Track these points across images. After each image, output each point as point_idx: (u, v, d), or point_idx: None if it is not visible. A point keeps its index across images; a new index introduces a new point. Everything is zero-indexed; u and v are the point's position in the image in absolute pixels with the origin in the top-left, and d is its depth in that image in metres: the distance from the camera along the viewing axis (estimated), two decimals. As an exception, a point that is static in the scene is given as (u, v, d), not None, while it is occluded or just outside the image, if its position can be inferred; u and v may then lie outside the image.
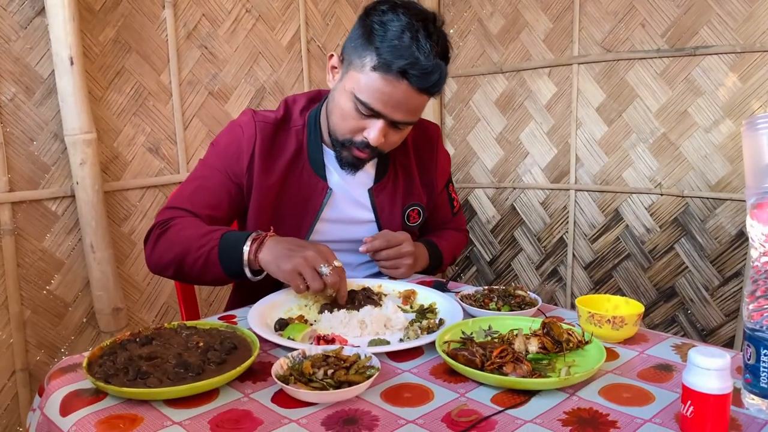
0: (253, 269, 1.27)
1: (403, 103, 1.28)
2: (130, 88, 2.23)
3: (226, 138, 1.47)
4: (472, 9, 2.92)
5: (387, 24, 1.24)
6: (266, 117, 1.45)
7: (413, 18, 1.24)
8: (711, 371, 0.75)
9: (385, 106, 1.28)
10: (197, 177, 1.46)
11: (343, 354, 0.95)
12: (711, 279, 2.34)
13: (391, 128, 1.34)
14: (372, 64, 1.25)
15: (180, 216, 1.38)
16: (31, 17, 1.99)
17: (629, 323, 1.07)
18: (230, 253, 1.27)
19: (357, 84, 1.29)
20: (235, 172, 1.43)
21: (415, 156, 1.60)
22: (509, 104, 2.86)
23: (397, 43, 1.22)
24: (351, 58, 1.32)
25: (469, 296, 1.30)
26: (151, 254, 1.39)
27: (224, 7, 2.43)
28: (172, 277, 1.40)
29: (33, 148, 2.04)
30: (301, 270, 1.18)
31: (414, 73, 1.23)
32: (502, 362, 0.92)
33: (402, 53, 1.22)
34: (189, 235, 1.32)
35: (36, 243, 2.07)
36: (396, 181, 1.56)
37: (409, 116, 1.33)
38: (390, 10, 1.26)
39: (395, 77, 1.24)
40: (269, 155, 1.43)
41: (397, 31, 1.23)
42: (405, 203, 1.58)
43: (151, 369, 0.90)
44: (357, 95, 1.29)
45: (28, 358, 2.08)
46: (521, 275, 2.94)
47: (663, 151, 2.42)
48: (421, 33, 1.23)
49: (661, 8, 2.35)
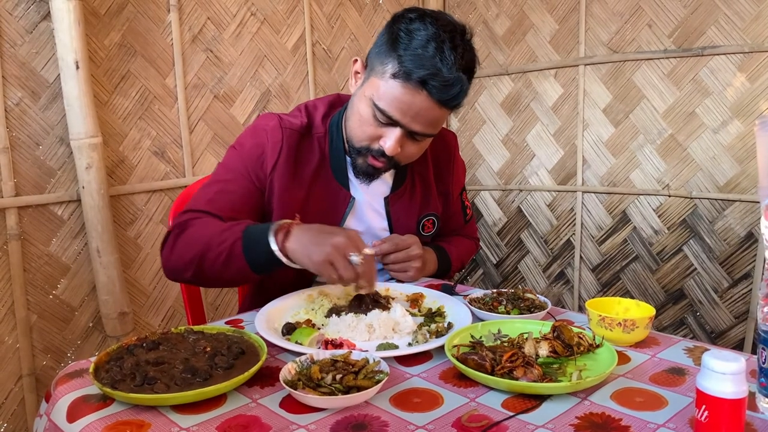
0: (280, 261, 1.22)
1: (422, 114, 1.26)
2: (136, 92, 2.23)
3: (250, 141, 1.42)
4: (477, 10, 2.92)
5: (413, 33, 1.22)
6: (293, 124, 1.42)
7: (441, 29, 1.22)
8: (726, 375, 0.73)
9: (403, 115, 1.26)
10: (218, 180, 1.41)
11: (352, 358, 0.95)
12: (720, 281, 2.33)
13: (408, 139, 1.31)
14: (393, 71, 1.23)
15: (198, 217, 1.33)
16: (36, 22, 1.99)
17: (640, 326, 1.05)
18: (256, 245, 1.21)
19: (377, 91, 1.26)
20: (259, 176, 1.40)
21: (433, 164, 1.58)
22: (515, 106, 2.85)
23: (421, 52, 1.20)
24: (374, 64, 1.29)
25: (477, 299, 1.29)
26: (170, 256, 1.33)
27: (229, 10, 2.43)
28: (191, 278, 1.33)
29: (39, 152, 2.04)
30: (333, 259, 1.15)
31: (434, 84, 1.20)
32: (512, 366, 0.91)
33: (424, 63, 1.20)
34: (209, 233, 1.27)
35: (42, 247, 2.07)
36: (413, 190, 1.54)
37: (428, 128, 1.30)
38: (418, 18, 1.24)
39: (415, 87, 1.22)
40: (294, 164, 1.40)
41: (422, 41, 1.20)
42: (421, 213, 1.56)
43: (158, 374, 0.90)
44: (376, 102, 1.27)
45: (35, 362, 2.07)
46: (528, 278, 2.93)
47: (670, 152, 2.41)
48: (447, 44, 1.20)
49: (668, 8, 2.34)
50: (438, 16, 1.25)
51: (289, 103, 2.64)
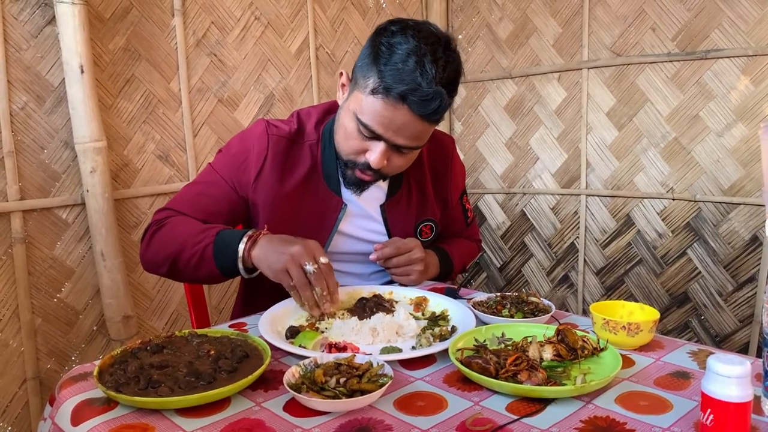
0: (247, 267, 1.27)
1: (405, 128, 1.25)
2: (140, 96, 2.24)
3: (236, 147, 1.45)
4: (480, 14, 2.92)
5: (394, 46, 1.21)
6: (280, 130, 1.43)
7: (422, 41, 1.21)
8: (731, 379, 0.73)
9: (386, 129, 1.25)
10: (200, 182, 1.46)
11: (356, 362, 0.95)
12: (724, 284, 2.32)
13: (394, 152, 1.31)
14: (373, 86, 1.23)
15: (175, 215, 1.39)
16: (41, 26, 2.00)
17: (645, 330, 1.05)
18: (225, 250, 1.27)
19: (359, 105, 1.26)
20: (241, 183, 1.42)
21: (430, 170, 1.57)
22: (519, 109, 2.85)
23: (401, 66, 1.19)
24: (357, 78, 1.29)
25: (481, 303, 1.29)
26: (146, 251, 1.39)
27: (233, 14, 2.44)
28: (166, 274, 1.39)
29: (44, 156, 2.04)
30: (288, 267, 1.18)
31: (413, 99, 1.20)
32: (516, 370, 0.91)
33: (403, 78, 1.19)
34: (184, 232, 1.32)
35: (47, 251, 2.07)
36: (409, 196, 1.53)
37: (412, 141, 1.29)
38: (400, 31, 1.23)
39: (395, 101, 1.21)
40: (282, 170, 1.42)
41: (403, 55, 1.20)
42: (418, 219, 1.55)
43: (162, 378, 0.90)
44: (359, 116, 1.27)
45: (39, 366, 2.08)
46: (532, 281, 2.92)
47: (674, 156, 2.40)
48: (428, 57, 1.19)
49: (672, 12, 2.34)
50: (421, 28, 1.24)
51: (292, 106, 2.64)
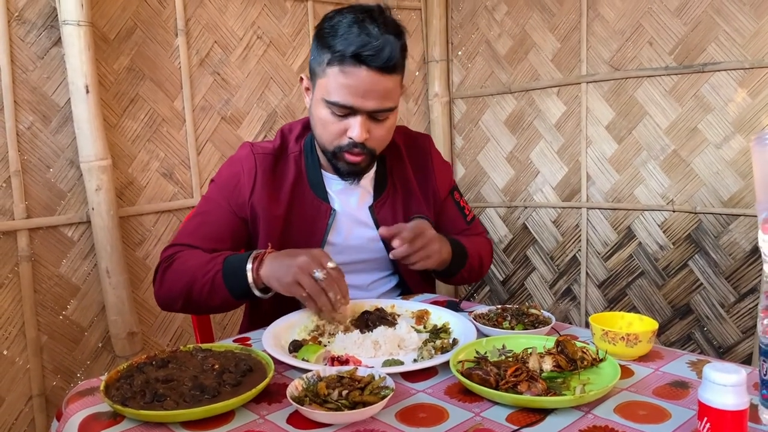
0: (259, 287, 1.29)
1: (371, 90, 1.30)
2: (145, 115, 2.27)
3: (226, 172, 1.49)
4: (479, 31, 2.95)
5: (335, 25, 1.30)
6: (264, 148, 1.48)
7: (358, 12, 1.30)
8: (727, 387, 0.74)
9: (354, 98, 1.30)
10: (199, 213, 1.49)
11: (358, 375, 0.96)
12: (726, 295, 2.32)
13: (372, 121, 1.35)
14: (328, 60, 1.30)
15: (182, 250, 1.41)
16: (48, 47, 2.04)
17: (643, 340, 1.06)
18: (234, 275, 1.29)
19: (324, 89, 1.32)
20: (238, 204, 1.45)
21: (412, 167, 1.60)
22: (519, 124, 2.88)
23: (347, 35, 1.27)
24: (315, 70, 1.36)
25: (482, 315, 1.30)
26: (159, 290, 1.42)
27: (236, 34, 2.47)
28: (182, 309, 1.42)
29: (50, 175, 2.07)
30: (298, 278, 1.20)
31: (367, 53, 1.26)
32: (516, 381, 0.92)
33: (351, 41, 1.26)
34: (193, 265, 1.35)
35: (52, 269, 2.09)
36: (395, 194, 1.57)
37: (383, 103, 1.33)
38: (336, 14, 1.33)
39: (352, 65, 1.27)
40: (272, 185, 1.46)
41: (345, 27, 1.28)
42: (407, 215, 1.57)
43: (168, 392, 0.91)
44: (327, 99, 1.32)
45: (45, 383, 2.09)
46: (535, 294, 2.93)
47: (674, 168, 2.42)
48: (367, 20, 1.28)
49: (668, 26, 2.37)
50: (353, 6, 1.34)
51: (295, 123, 2.67)
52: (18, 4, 1.97)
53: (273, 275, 1.25)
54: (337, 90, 1.30)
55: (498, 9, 2.87)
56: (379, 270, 1.60)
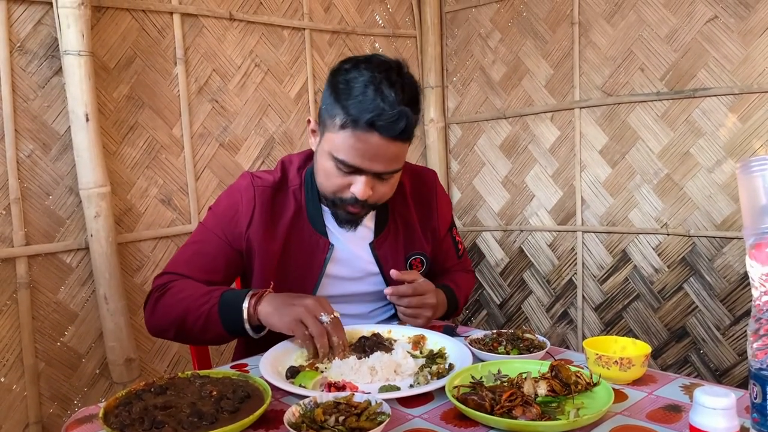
0: (253, 324, 1.29)
1: (380, 154, 1.29)
2: (144, 142, 2.30)
3: (224, 202, 1.48)
4: (474, 57, 3.00)
5: (351, 82, 1.27)
6: (265, 180, 1.47)
7: (376, 71, 1.27)
8: (717, 411, 0.75)
9: (362, 160, 1.29)
10: (195, 241, 1.48)
11: (354, 401, 0.97)
12: (722, 318, 2.34)
13: (376, 180, 1.35)
14: (341, 122, 1.27)
15: (176, 279, 1.41)
16: (48, 77, 2.07)
17: (637, 364, 1.07)
18: (230, 310, 1.29)
19: (332, 144, 1.31)
20: (234, 236, 1.44)
21: (414, 204, 1.60)
22: (513, 148, 2.91)
23: (362, 98, 1.25)
24: (325, 120, 1.34)
25: (478, 340, 1.31)
26: (151, 317, 1.41)
27: (234, 62, 2.51)
28: (173, 338, 1.42)
29: (49, 202, 2.09)
30: (303, 318, 1.21)
31: (381, 124, 1.24)
32: (511, 406, 0.93)
33: (367, 107, 1.24)
34: (188, 296, 1.35)
35: (51, 295, 2.10)
36: (396, 232, 1.56)
37: (390, 165, 1.33)
38: (353, 67, 1.30)
39: (364, 131, 1.26)
40: (270, 219, 1.44)
41: (361, 87, 1.26)
42: (407, 253, 1.57)
43: (166, 418, 0.92)
44: (335, 155, 1.31)
45: (42, 410, 2.08)
46: (532, 318, 2.94)
47: (667, 192, 2.45)
48: (384, 83, 1.25)
49: (659, 53, 2.41)
50: (371, 59, 1.31)
51: (293, 149, 2.70)
52: (20, 35, 2.01)
53: (275, 312, 1.25)
54: (345, 150, 1.29)
55: (492, 36, 2.93)
56: (378, 300, 1.60)
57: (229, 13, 2.48)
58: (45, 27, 2.05)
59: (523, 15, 2.82)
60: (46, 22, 2.05)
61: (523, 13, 2.82)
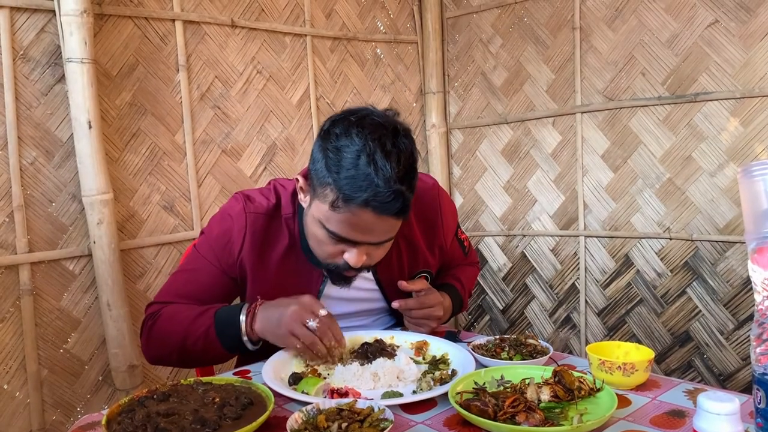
0: (252, 340, 1.29)
1: (374, 229, 1.22)
2: (146, 149, 2.30)
3: (216, 229, 1.42)
4: (475, 63, 3.01)
5: (341, 150, 1.17)
6: (258, 206, 1.39)
7: (369, 137, 1.16)
8: (721, 416, 0.75)
9: (356, 234, 1.22)
10: (187, 269, 1.44)
11: (357, 407, 0.96)
12: (725, 323, 2.33)
13: (371, 247, 1.27)
14: (332, 199, 1.18)
15: (166, 306, 1.38)
16: (51, 84, 2.07)
17: (640, 369, 1.07)
18: (226, 329, 1.28)
19: (323, 215, 1.22)
20: (228, 263, 1.39)
21: (417, 222, 1.51)
22: (515, 153, 2.91)
23: (354, 172, 1.15)
24: (315, 186, 1.24)
25: (480, 346, 1.31)
26: (147, 346, 1.40)
27: (236, 69, 2.52)
28: (176, 363, 1.41)
29: (52, 209, 2.09)
30: (292, 330, 1.20)
31: (375, 204, 1.15)
32: (514, 411, 0.93)
33: (360, 184, 1.14)
34: (182, 320, 1.33)
35: (54, 302, 2.10)
36: (399, 255, 1.49)
37: (384, 236, 1.26)
38: (344, 133, 1.19)
39: (358, 208, 1.17)
40: (261, 247, 1.39)
41: (353, 158, 1.15)
42: (411, 272, 1.53)
43: (169, 425, 0.92)
44: (326, 225, 1.23)
45: (45, 417, 2.08)
46: (535, 323, 2.93)
47: (670, 196, 2.45)
48: (378, 154, 1.14)
49: (660, 57, 2.41)
50: (363, 123, 1.19)
51: (294, 155, 2.71)
52: (23, 43, 2.02)
53: (267, 329, 1.24)
54: (337, 224, 1.21)
55: (493, 42, 2.93)
56: (379, 314, 1.60)
57: (231, 20, 2.49)
58: (48, 35, 2.06)
59: (524, 20, 2.83)
60: (49, 30, 2.06)
61: (524, 19, 2.83)
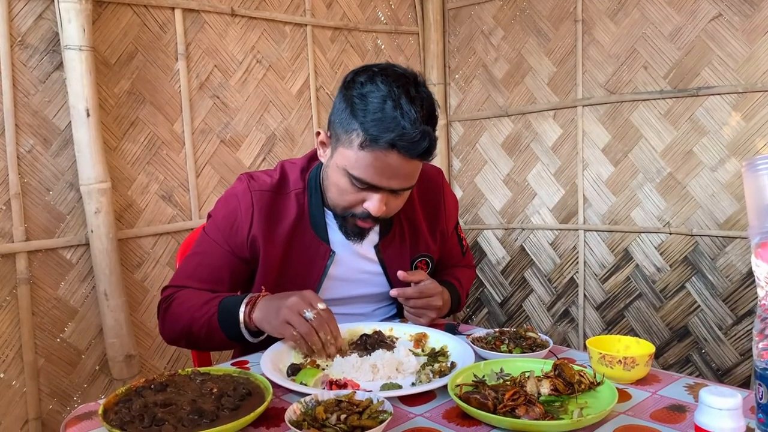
0: (251, 331, 1.29)
1: (399, 172, 1.26)
2: (144, 138, 2.29)
3: (223, 209, 1.44)
4: (476, 55, 2.99)
5: (367, 96, 1.22)
6: (263, 184, 1.43)
7: (393, 84, 1.21)
8: (723, 411, 0.75)
9: (380, 178, 1.25)
10: (198, 252, 1.45)
11: (356, 399, 0.96)
12: (724, 318, 2.33)
13: (390, 195, 1.31)
14: (360, 140, 1.22)
15: (180, 290, 1.41)
16: (49, 72, 2.06)
17: (641, 364, 1.07)
18: (228, 318, 1.29)
19: (348, 161, 1.26)
20: (237, 244, 1.41)
21: (421, 205, 1.56)
22: (516, 146, 2.90)
23: (381, 115, 1.19)
24: (338, 134, 1.28)
25: (480, 339, 1.30)
26: (163, 328, 1.43)
27: (235, 58, 2.50)
28: (186, 346, 1.45)
29: (49, 197, 2.08)
30: (288, 318, 1.20)
31: (403, 144, 1.19)
32: (514, 405, 0.92)
33: (387, 125, 1.19)
34: (190, 306, 1.35)
35: (51, 291, 2.09)
36: (402, 234, 1.53)
37: (406, 182, 1.30)
38: (368, 80, 1.24)
39: (385, 150, 1.21)
40: (269, 223, 1.41)
41: (379, 102, 1.20)
42: (413, 255, 1.55)
43: (166, 416, 0.91)
44: (350, 172, 1.26)
45: (41, 407, 2.08)
46: (533, 316, 2.93)
47: (670, 191, 2.44)
48: (404, 99, 1.20)
49: (663, 51, 2.40)
50: (387, 71, 1.25)
51: (293, 146, 2.70)
52: (21, 29, 2.00)
53: (265, 318, 1.24)
54: (363, 168, 1.24)
55: (494, 33, 2.91)
56: (381, 301, 1.59)
57: (231, 8, 2.47)
58: (46, 21, 2.04)
59: (526, 12, 2.81)
60: (47, 17, 2.04)
61: (526, 11, 2.81)
